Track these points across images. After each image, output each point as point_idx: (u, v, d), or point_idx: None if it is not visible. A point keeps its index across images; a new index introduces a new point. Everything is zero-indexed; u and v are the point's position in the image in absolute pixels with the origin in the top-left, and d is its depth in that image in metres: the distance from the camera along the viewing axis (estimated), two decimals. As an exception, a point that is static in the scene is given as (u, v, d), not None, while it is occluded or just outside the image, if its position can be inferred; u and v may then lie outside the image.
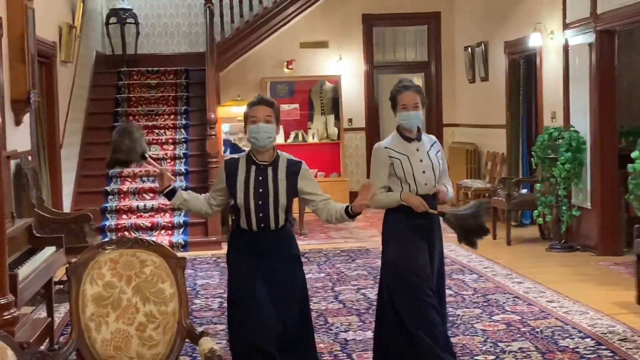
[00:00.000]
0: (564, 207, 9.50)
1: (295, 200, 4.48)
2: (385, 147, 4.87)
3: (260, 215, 4.29)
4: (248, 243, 4.35)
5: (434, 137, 5.11)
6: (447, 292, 7.39)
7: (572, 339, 6.01)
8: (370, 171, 5.05)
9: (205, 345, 3.71)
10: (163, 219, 10.73)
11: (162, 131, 12.14)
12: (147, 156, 4.47)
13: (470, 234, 4.98)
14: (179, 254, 4.09)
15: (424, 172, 4.86)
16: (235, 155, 4.52)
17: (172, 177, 4.52)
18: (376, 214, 13.24)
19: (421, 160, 4.86)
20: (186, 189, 11.07)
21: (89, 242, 7.08)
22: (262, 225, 4.30)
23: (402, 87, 4.91)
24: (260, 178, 4.30)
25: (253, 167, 4.33)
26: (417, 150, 4.88)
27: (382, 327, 5.04)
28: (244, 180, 4.31)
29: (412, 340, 4.81)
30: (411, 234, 4.87)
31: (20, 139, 7.89)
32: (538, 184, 9.90)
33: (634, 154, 7.46)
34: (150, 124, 12.20)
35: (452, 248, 9.03)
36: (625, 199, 8.19)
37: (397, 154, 4.84)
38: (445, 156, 5.22)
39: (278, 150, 4.43)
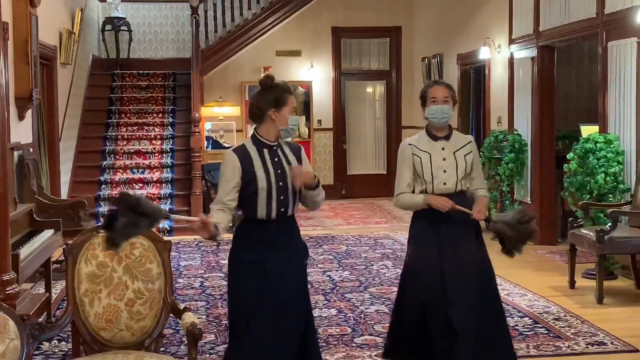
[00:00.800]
0: (507, 202, 9.61)
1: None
2: (409, 144, 4.38)
3: (281, 198, 3.72)
4: (262, 234, 3.76)
5: (469, 138, 4.50)
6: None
7: (512, 317, 6.09)
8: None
9: (187, 319, 3.73)
10: (150, 206, 10.67)
11: (151, 128, 12.12)
12: (167, 215, 3.78)
13: (517, 241, 4.31)
14: (165, 238, 4.09)
15: (444, 171, 4.26)
16: (235, 145, 4.03)
17: (212, 225, 3.60)
18: (342, 204, 13.39)
19: (444, 159, 4.27)
20: (172, 180, 11.18)
21: (84, 226, 7.03)
22: (282, 209, 3.74)
23: (433, 82, 4.52)
24: (276, 159, 3.78)
25: (265, 150, 3.78)
26: (443, 149, 4.30)
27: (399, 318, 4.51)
28: (262, 164, 3.74)
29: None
30: (428, 241, 4.28)
31: (22, 132, 7.85)
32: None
33: (569, 156, 7.57)
34: (140, 121, 12.21)
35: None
36: (561, 195, 8.29)
37: (420, 151, 4.30)
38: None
39: None
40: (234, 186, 3.74)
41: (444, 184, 4.27)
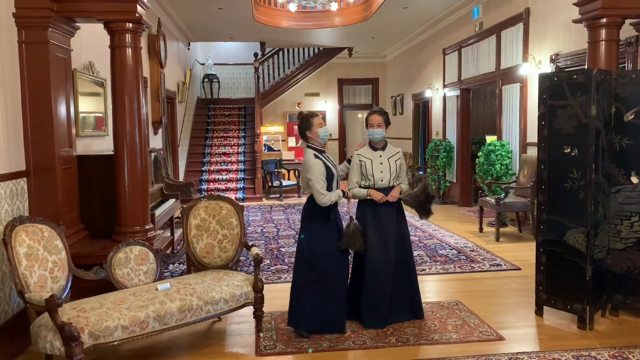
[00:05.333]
0: (442, 181, 9.50)
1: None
2: (357, 154, 3.85)
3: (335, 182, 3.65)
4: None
5: (399, 149, 3.91)
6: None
7: (445, 249, 6.04)
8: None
9: (254, 251, 3.70)
10: (231, 185, 10.66)
11: (231, 139, 12.03)
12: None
13: (424, 204, 3.80)
14: (240, 204, 4.06)
15: (381, 172, 3.77)
16: (310, 151, 3.65)
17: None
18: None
19: (381, 164, 3.78)
20: (244, 170, 11.15)
21: (192, 197, 7.04)
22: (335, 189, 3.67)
23: (371, 112, 3.90)
24: (331, 160, 3.73)
25: (323, 155, 3.65)
26: (380, 156, 3.80)
27: (353, 279, 3.87)
28: (325, 163, 3.61)
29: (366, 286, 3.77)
30: (371, 217, 3.75)
31: (156, 141, 7.87)
32: (429, 169, 9.89)
33: (479, 154, 7.45)
34: (225, 135, 12.11)
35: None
36: (474, 177, 8.19)
37: (365, 158, 3.80)
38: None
39: None
40: (325, 176, 3.61)
41: (382, 180, 3.76)
